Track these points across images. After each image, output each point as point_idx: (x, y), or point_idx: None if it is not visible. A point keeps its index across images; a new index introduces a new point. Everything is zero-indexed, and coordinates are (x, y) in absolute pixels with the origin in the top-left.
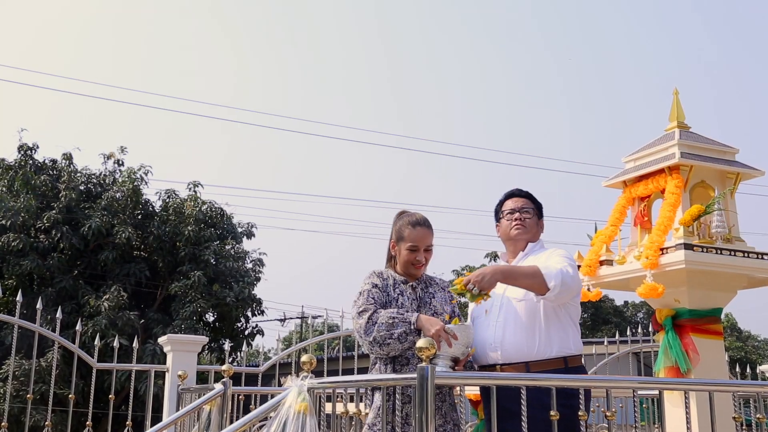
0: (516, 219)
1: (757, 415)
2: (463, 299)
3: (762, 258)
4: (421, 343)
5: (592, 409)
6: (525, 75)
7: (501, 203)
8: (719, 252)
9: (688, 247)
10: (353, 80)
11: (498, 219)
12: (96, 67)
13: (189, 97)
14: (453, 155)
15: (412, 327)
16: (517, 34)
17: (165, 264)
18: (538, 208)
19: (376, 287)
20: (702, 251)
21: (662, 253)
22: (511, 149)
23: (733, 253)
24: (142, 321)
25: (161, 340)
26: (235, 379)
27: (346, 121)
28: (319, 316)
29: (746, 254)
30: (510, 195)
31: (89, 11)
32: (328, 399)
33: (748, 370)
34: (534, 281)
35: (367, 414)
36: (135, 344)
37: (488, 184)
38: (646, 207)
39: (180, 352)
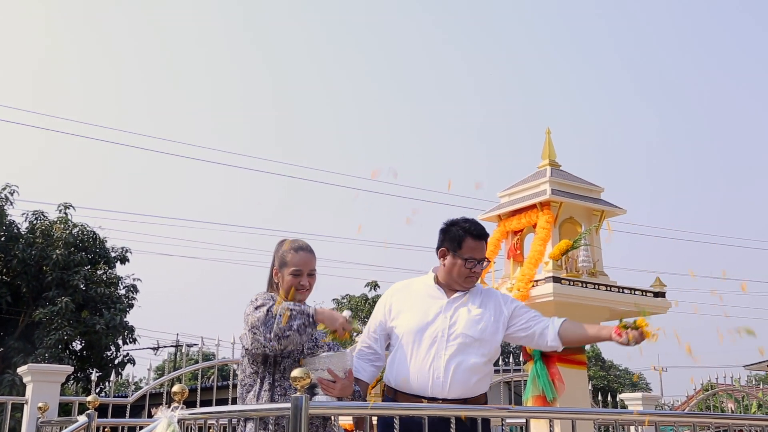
0: (473, 272)
1: None
2: None
3: (623, 292)
4: (295, 372)
5: None
6: (431, 107)
7: (462, 237)
8: (584, 285)
9: (556, 280)
10: (224, 102)
11: (452, 250)
12: None
13: (60, 114)
14: (327, 182)
15: (311, 320)
16: (422, 64)
17: (29, 289)
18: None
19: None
20: (569, 284)
21: (533, 286)
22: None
23: (597, 286)
24: (1, 350)
25: (21, 370)
26: (102, 410)
27: (216, 143)
28: (195, 344)
29: (609, 288)
30: (475, 235)
31: None
32: (200, 430)
33: (609, 398)
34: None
35: None
36: None
37: (367, 213)
38: (518, 240)
39: (41, 383)
